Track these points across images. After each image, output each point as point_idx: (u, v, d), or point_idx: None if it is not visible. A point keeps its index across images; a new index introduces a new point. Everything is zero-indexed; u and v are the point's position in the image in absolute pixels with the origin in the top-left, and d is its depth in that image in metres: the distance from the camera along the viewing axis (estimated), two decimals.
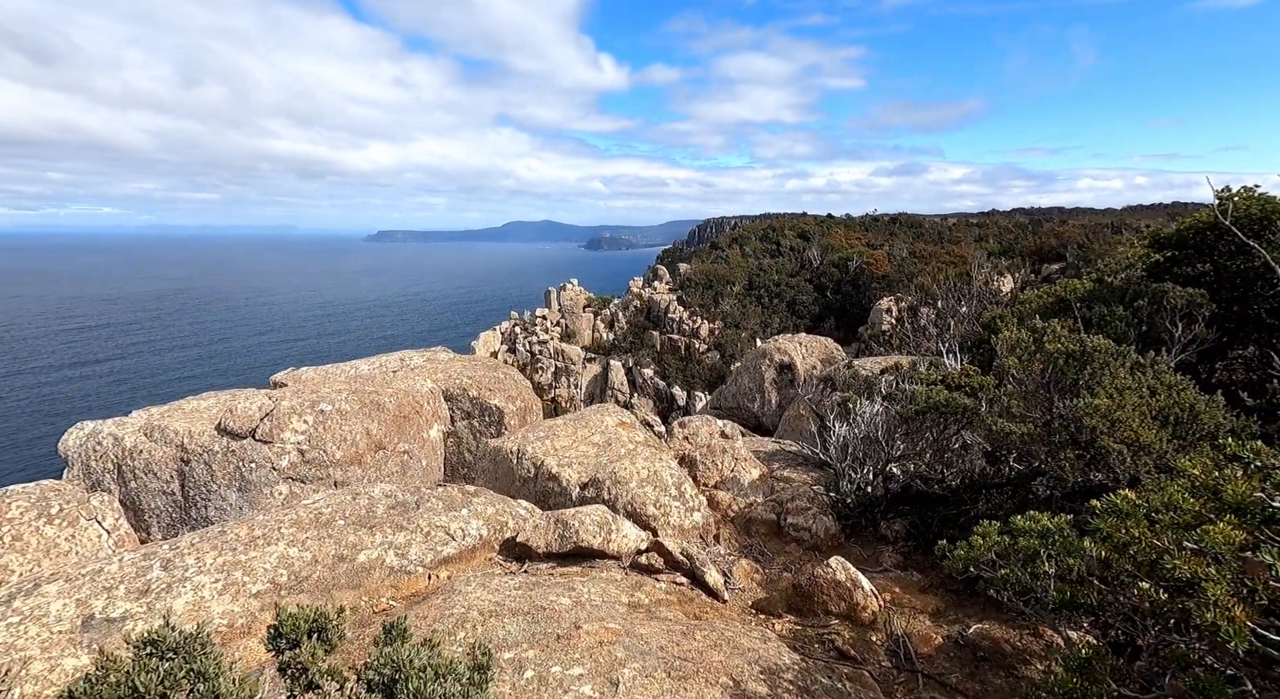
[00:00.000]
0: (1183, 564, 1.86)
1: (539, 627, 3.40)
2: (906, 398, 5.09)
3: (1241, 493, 1.95)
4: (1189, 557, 1.88)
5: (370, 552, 4.21)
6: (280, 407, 7.34)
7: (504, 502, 5.14)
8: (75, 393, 66.28)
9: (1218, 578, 1.78)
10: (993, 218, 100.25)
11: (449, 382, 9.08)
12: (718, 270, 67.64)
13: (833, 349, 16.80)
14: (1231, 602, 1.71)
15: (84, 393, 65.63)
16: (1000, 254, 63.76)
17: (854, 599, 4.11)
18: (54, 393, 66.85)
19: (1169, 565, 1.89)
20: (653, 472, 5.54)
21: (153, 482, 7.45)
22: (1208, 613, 1.71)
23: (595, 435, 6.35)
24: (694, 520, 5.31)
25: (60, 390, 68.63)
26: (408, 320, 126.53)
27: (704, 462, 6.75)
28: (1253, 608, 1.72)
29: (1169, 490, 2.15)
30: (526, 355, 57.07)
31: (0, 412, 57.93)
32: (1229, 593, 1.73)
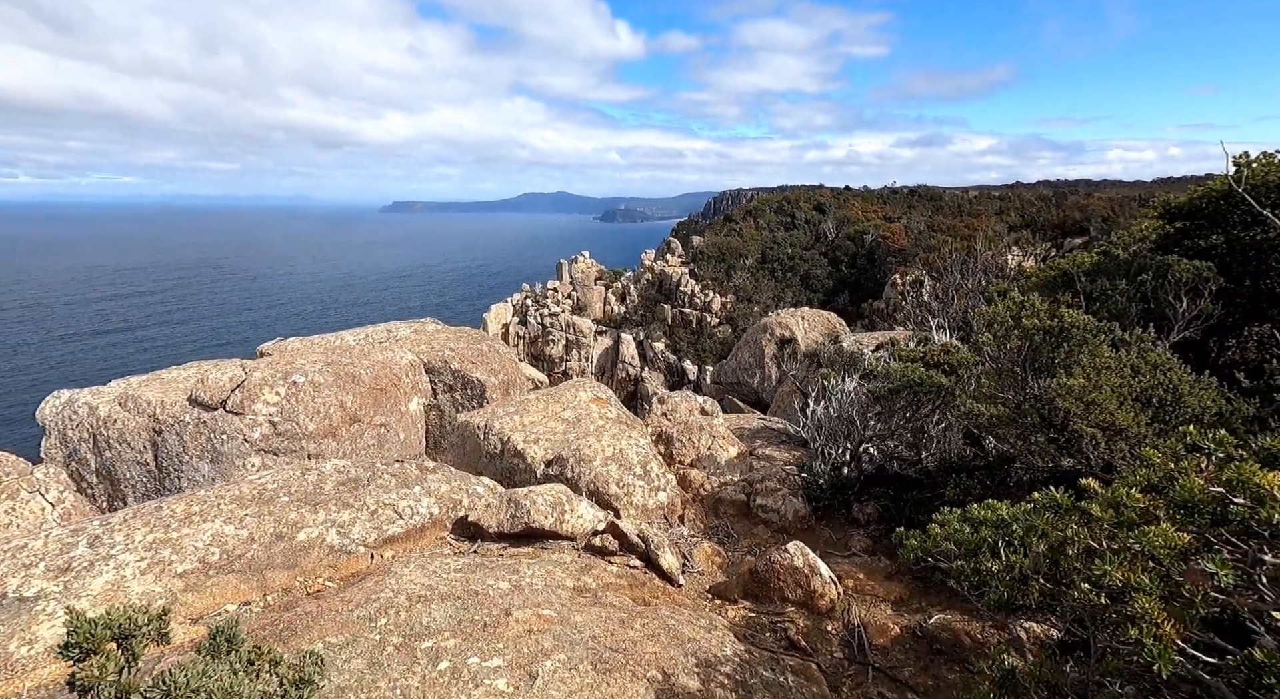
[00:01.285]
0: (1114, 570, 1.62)
1: (467, 613, 3.24)
2: (883, 375, 4.82)
3: (1192, 489, 1.69)
4: (1122, 562, 1.64)
5: (311, 530, 4.08)
6: (252, 377, 7.23)
7: (461, 479, 4.98)
8: (101, 360, 67.52)
9: (1149, 588, 1.55)
10: (1016, 190, 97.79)
11: (431, 354, 8.92)
12: (731, 243, 66.78)
13: (835, 324, 16.44)
14: (1162, 615, 1.48)
15: (110, 361, 66.83)
16: (1021, 228, 62.14)
17: (811, 586, 3.92)
18: (82, 360, 68.18)
19: (1098, 571, 1.65)
20: (618, 449, 5.35)
21: (127, 451, 7.41)
22: (1132, 629, 1.48)
23: (566, 411, 6.16)
24: (658, 500, 5.13)
25: (88, 358, 70.00)
26: (423, 292, 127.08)
27: (681, 439, 6.55)
28: (1188, 623, 1.49)
29: (1114, 485, 1.90)
30: (537, 328, 57.04)
31: (30, 380, 59.18)
32: (1159, 606, 1.50)
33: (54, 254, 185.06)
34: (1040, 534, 2.06)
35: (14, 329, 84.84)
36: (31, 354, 73.39)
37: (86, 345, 77.04)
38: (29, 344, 77.89)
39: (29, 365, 67.98)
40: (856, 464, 5.03)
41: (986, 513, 2.90)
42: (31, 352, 74.73)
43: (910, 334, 8.47)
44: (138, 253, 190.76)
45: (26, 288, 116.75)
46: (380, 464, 5.01)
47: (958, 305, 10.82)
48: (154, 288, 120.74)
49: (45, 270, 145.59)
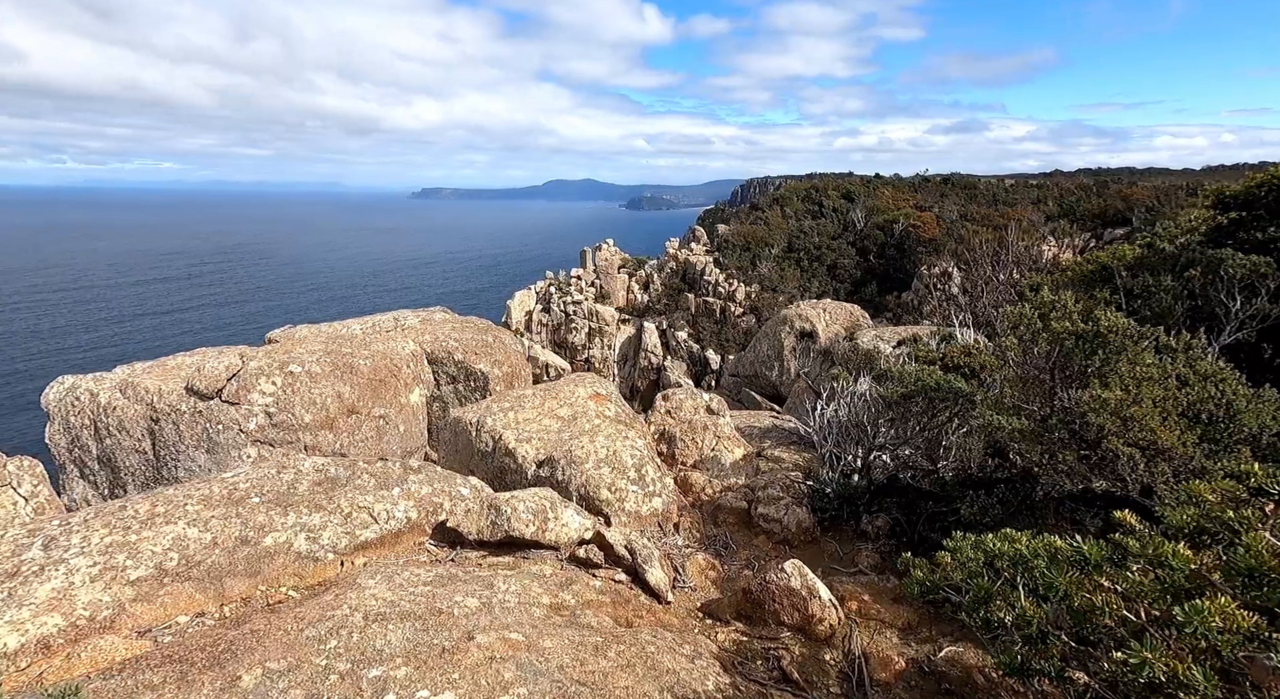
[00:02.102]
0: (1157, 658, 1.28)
1: (426, 636, 2.99)
2: (896, 377, 4.43)
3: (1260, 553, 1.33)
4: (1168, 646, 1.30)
5: (279, 534, 3.87)
6: (248, 367, 7.08)
7: (446, 480, 4.73)
8: (141, 343, 69.44)
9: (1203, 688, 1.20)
10: (1054, 179, 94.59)
11: (434, 344, 8.71)
12: (756, 232, 65.85)
13: (858, 317, 15.89)
14: None
15: (150, 343, 68.69)
16: (1059, 217, 60.01)
17: (809, 610, 3.59)
18: (124, 342, 70.24)
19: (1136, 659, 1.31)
20: (612, 451, 5.05)
21: (126, 440, 7.35)
22: None
23: (562, 408, 5.88)
24: (653, 507, 4.83)
25: (129, 341, 72.11)
26: (449, 279, 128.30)
27: (684, 439, 6.23)
28: None
29: (1157, 540, 1.54)
30: (560, 316, 57.01)
31: (78, 360, 61.06)
32: None
33: (99, 238, 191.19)
34: (1061, 596, 1.70)
35: (62, 310, 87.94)
36: (77, 335, 76.00)
37: (129, 328, 79.41)
38: (75, 325, 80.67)
39: (74, 346, 70.31)
40: (867, 473, 4.67)
41: (1003, 545, 2.53)
42: (77, 332, 77.38)
43: (934, 330, 8.01)
44: (177, 238, 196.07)
45: (72, 271, 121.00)
46: (362, 463, 4.78)
47: (987, 299, 10.27)
48: (193, 272, 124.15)
49: (92, 253, 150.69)
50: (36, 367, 57.87)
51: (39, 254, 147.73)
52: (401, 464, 4.86)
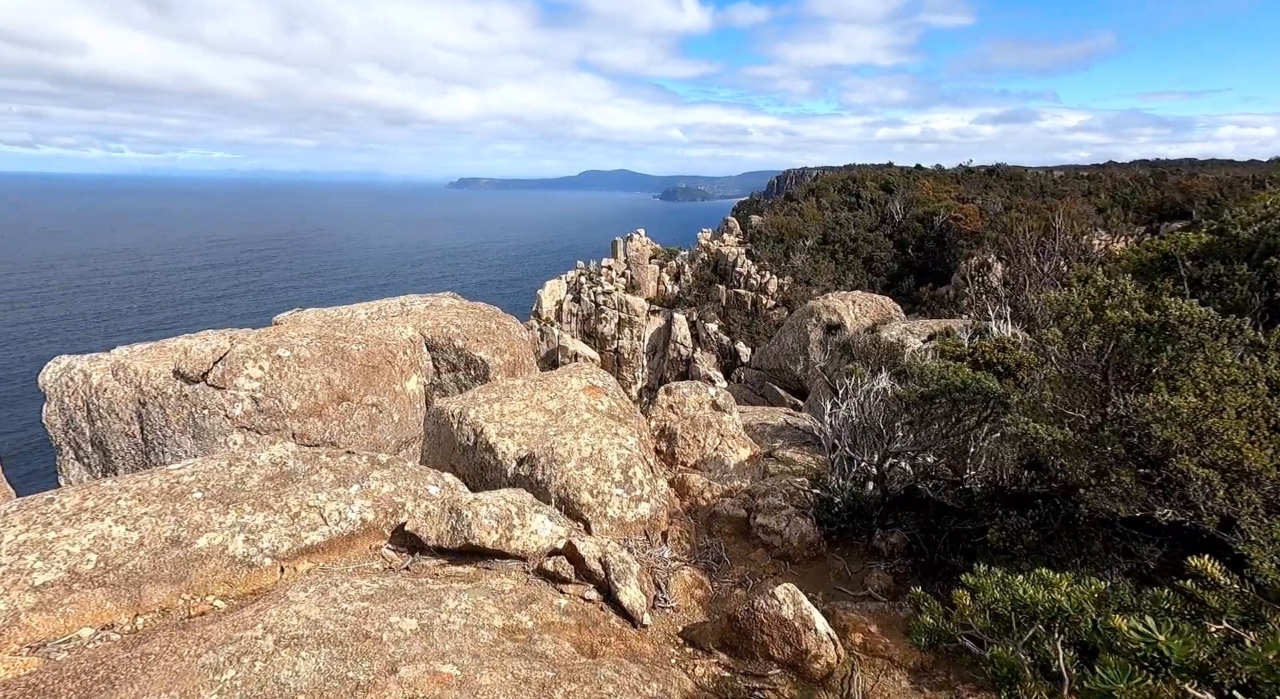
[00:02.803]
0: None
1: (342, 668, 2.56)
2: (916, 375, 3.85)
3: None
4: None
5: (214, 535, 3.50)
6: (235, 350, 6.81)
7: (413, 477, 4.32)
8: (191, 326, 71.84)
9: None
10: (1108, 170, 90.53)
11: (435, 330, 8.35)
12: (790, 223, 64.53)
13: (889, 310, 15.09)
14: None
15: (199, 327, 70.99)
16: (1111, 210, 57.23)
17: (802, 644, 3.06)
18: (177, 325, 72.85)
19: None
20: (597, 450, 4.57)
21: (115, 422, 7.17)
22: None
23: (552, 401, 5.42)
24: (639, 513, 4.34)
25: (181, 324, 74.78)
26: (484, 268, 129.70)
27: (685, 436, 5.72)
28: None
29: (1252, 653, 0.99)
30: (590, 305, 56.82)
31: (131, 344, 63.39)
32: None
33: (157, 225, 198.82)
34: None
35: (123, 294, 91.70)
36: (136, 317, 79.18)
37: (182, 312, 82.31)
38: (133, 309, 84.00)
39: (132, 328, 73.11)
40: (882, 482, 4.10)
41: (1038, 592, 1.97)
42: (135, 315, 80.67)
43: (969, 324, 7.32)
44: (229, 225, 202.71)
45: (134, 256, 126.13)
46: (325, 456, 4.40)
47: (1030, 292, 9.45)
48: (241, 259, 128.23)
49: (151, 239, 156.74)
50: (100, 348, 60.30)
51: (103, 239, 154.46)
52: (369, 458, 4.47)
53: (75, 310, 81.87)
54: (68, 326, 73.69)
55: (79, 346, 60.85)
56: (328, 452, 4.49)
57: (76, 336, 66.56)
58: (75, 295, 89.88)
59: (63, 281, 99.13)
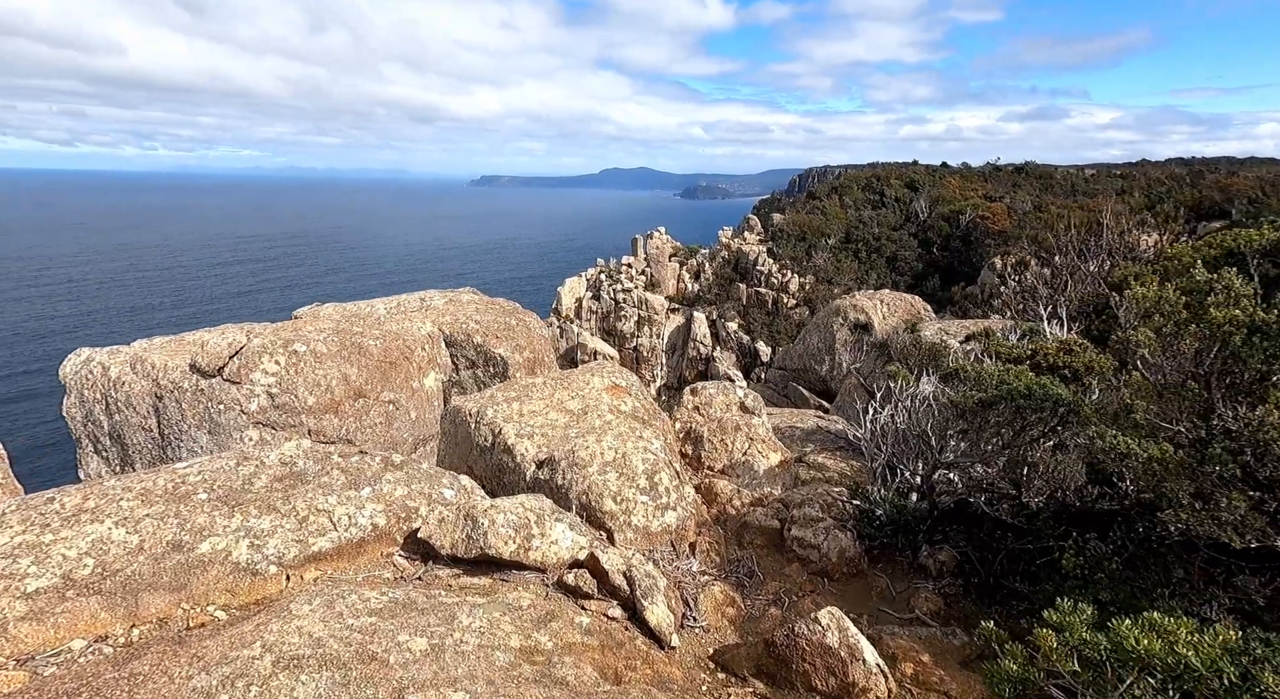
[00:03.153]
0: None
1: (344, 695, 2.33)
2: (972, 379, 3.53)
3: None
4: None
5: (218, 540, 3.30)
6: (251, 344, 6.67)
7: (428, 480, 4.10)
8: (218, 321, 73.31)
9: None
10: (1141, 168, 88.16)
11: (454, 325, 8.16)
12: (812, 221, 63.77)
13: (919, 309, 14.63)
14: None
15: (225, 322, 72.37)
16: (1146, 209, 55.59)
17: (849, 676, 2.78)
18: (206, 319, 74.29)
19: None
20: (621, 454, 4.32)
21: (133, 416, 7.08)
22: None
23: (573, 401, 5.17)
24: (665, 522, 4.07)
25: (210, 318, 76.29)
26: (504, 265, 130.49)
27: (712, 440, 5.44)
28: None
29: None
30: (610, 303, 56.67)
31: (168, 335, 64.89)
32: None
33: (188, 221, 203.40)
34: None
35: (153, 288, 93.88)
36: (167, 311, 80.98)
37: (213, 308, 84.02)
38: (165, 303, 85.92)
39: (164, 321, 74.70)
40: (929, 494, 3.78)
41: (1150, 641, 1.67)
42: (166, 309, 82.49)
43: (1009, 324, 6.92)
44: (257, 222, 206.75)
45: (165, 252, 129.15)
46: (337, 455, 4.20)
47: (1073, 292, 8.99)
48: (268, 255, 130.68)
49: (180, 235, 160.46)
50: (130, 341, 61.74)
51: (136, 235, 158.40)
52: (382, 459, 4.26)
53: (109, 304, 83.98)
54: (102, 320, 75.52)
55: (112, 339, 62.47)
56: (340, 451, 4.29)
57: (111, 330, 68.16)
58: (109, 289, 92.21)
59: (98, 276, 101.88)
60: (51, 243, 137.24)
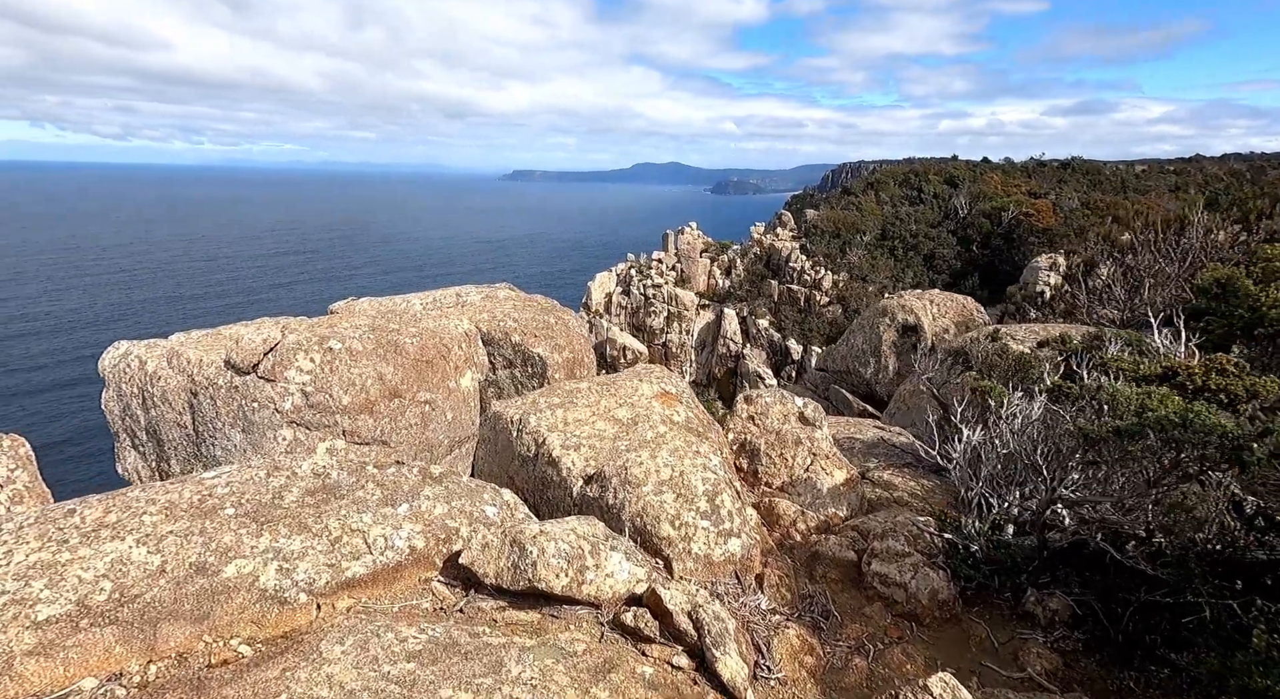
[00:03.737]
0: None
1: None
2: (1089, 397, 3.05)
3: None
4: None
5: (245, 563, 3.01)
6: (286, 341, 6.45)
7: (469, 496, 3.77)
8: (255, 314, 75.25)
9: None
10: (1196, 164, 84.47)
11: (491, 323, 7.86)
12: (847, 218, 62.51)
13: (972, 310, 13.94)
14: None
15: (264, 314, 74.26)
16: (1205, 208, 53.06)
17: None
18: (248, 310, 76.32)
19: None
20: (678, 472, 3.92)
21: (169, 412, 6.93)
22: None
23: (621, 409, 4.80)
24: (728, 551, 3.67)
25: (253, 309, 78.41)
26: (535, 259, 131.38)
27: (770, 454, 5.02)
28: None
29: None
30: (640, 298, 56.39)
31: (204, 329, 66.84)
32: None
33: (235, 213, 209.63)
34: None
35: (199, 278, 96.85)
36: (210, 300, 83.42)
37: (255, 299, 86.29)
38: (210, 293, 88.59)
39: (207, 310, 76.84)
40: (1039, 530, 3.31)
41: None
42: (211, 298, 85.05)
43: (1099, 331, 6.30)
44: (298, 214, 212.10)
45: (212, 243, 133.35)
46: (372, 466, 3.90)
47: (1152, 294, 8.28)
48: (307, 246, 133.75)
49: (226, 227, 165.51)
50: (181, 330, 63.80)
51: (186, 227, 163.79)
52: (420, 470, 3.94)
53: (158, 293, 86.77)
54: (150, 308, 78.00)
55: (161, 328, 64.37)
56: (375, 459, 3.99)
57: (160, 318, 70.30)
58: (160, 279, 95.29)
59: (150, 265, 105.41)
60: (108, 233, 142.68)
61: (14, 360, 56.88)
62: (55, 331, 66.98)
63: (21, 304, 76.16)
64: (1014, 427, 3.51)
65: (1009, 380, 4.66)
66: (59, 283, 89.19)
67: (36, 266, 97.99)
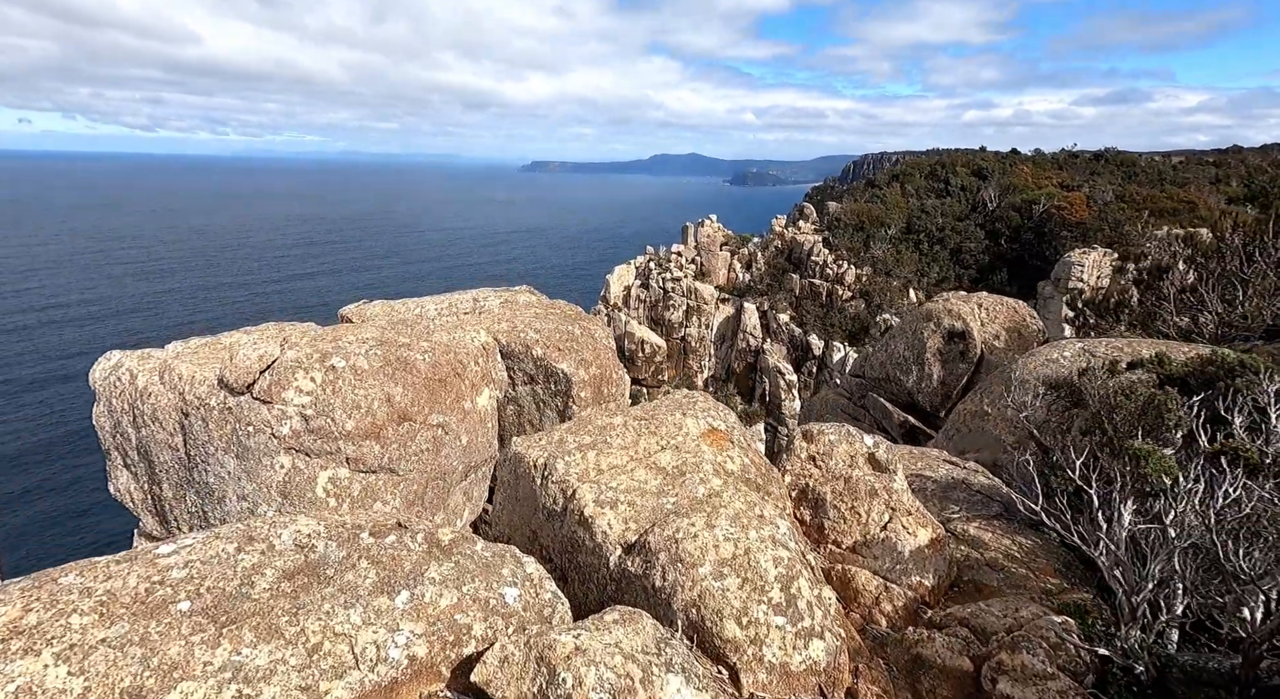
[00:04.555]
0: None
1: None
2: None
3: None
4: None
5: (193, 687, 2.32)
6: (284, 358, 5.79)
7: (485, 573, 3.06)
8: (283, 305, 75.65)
9: None
10: (1236, 154, 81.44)
11: (511, 334, 7.15)
12: (871, 210, 61.01)
13: (1025, 316, 12.98)
14: None
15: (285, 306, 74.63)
16: (1247, 200, 51.09)
17: None
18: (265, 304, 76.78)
19: None
20: (743, 549, 3.17)
21: (159, 432, 6.33)
22: None
23: (664, 453, 4.05)
24: (810, 657, 2.91)
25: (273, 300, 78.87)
26: (556, 251, 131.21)
27: (838, 506, 4.24)
28: None
29: None
30: (659, 292, 55.65)
31: (228, 320, 67.46)
32: None
33: (258, 203, 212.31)
34: None
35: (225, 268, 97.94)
36: (234, 290, 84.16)
37: (277, 288, 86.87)
38: (235, 283, 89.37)
39: (234, 299, 77.38)
40: (1247, 653, 2.51)
41: None
42: (234, 288, 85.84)
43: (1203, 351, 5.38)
44: (321, 205, 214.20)
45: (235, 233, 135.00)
46: (368, 533, 3.20)
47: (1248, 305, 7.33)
48: (328, 237, 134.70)
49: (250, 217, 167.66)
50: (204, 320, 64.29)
51: (209, 217, 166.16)
52: (426, 538, 3.23)
53: (185, 283, 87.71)
54: (177, 298, 78.85)
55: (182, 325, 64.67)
56: (371, 525, 3.28)
57: (197, 311, 70.87)
58: (185, 269, 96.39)
59: (177, 255, 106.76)
60: (137, 223, 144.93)
61: (49, 348, 57.78)
62: (85, 321, 67.95)
63: (51, 293, 77.41)
64: (1196, 515, 2.70)
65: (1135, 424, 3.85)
66: (85, 273, 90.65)
67: (59, 257, 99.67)
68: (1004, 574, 4.03)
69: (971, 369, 12.66)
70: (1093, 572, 3.89)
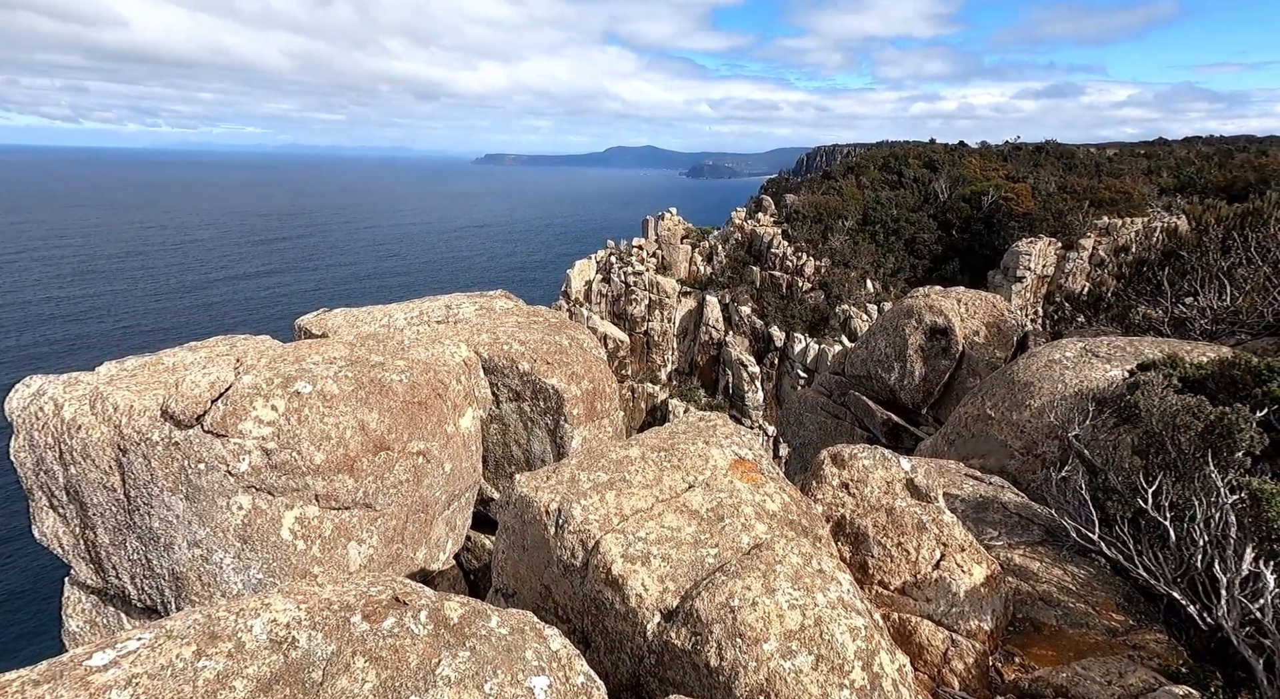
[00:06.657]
0: None
1: None
2: None
3: None
4: None
5: None
6: (240, 384, 5.08)
7: (507, 661, 2.53)
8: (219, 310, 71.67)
9: None
10: (1163, 147, 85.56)
11: (493, 347, 6.55)
12: (829, 202, 61.77)
13: (1002, 310, 12.96)
14: None
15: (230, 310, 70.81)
16: (1177, 190, 53.62)
17: None
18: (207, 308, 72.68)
19: None
20: (812, 619, 2.71)
21: (92, 470, 5.53)
22: None
23: (694, 492, 3.57)
24: None
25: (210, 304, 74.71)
26: (514, 246, 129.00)
27: (882, 543, 3.84)
28: None
29: None
30: (621, 286, 55.15)
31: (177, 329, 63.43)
32: None
33: (195, 199, 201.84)
34: None
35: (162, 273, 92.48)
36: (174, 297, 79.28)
37: (224, 291, 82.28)
38: (179, 286, 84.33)
39: (179, 308, 72.92)
40: None
41: None
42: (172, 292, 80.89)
43: (1226, 352, 5.22)
44: (264, 200, 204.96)
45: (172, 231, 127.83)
46: (360, 615, 2.63)
47: (1242, 300, 7.30)
48: (277, 234, 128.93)
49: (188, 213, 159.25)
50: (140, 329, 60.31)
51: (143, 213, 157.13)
52: (431, 616, 2.68)
53: (115, 287, 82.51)
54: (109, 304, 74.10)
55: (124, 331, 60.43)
56: (364, 605, 2.71)
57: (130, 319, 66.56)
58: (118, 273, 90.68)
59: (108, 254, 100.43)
60: (61, 221, 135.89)
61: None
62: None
63: None
64: None
65: (1201, 446, 3.57)
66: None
67: None
68: (1061, 611, 3.72)
69: (954, 365, 12.59)
70: (1155, 605, 3.60)
